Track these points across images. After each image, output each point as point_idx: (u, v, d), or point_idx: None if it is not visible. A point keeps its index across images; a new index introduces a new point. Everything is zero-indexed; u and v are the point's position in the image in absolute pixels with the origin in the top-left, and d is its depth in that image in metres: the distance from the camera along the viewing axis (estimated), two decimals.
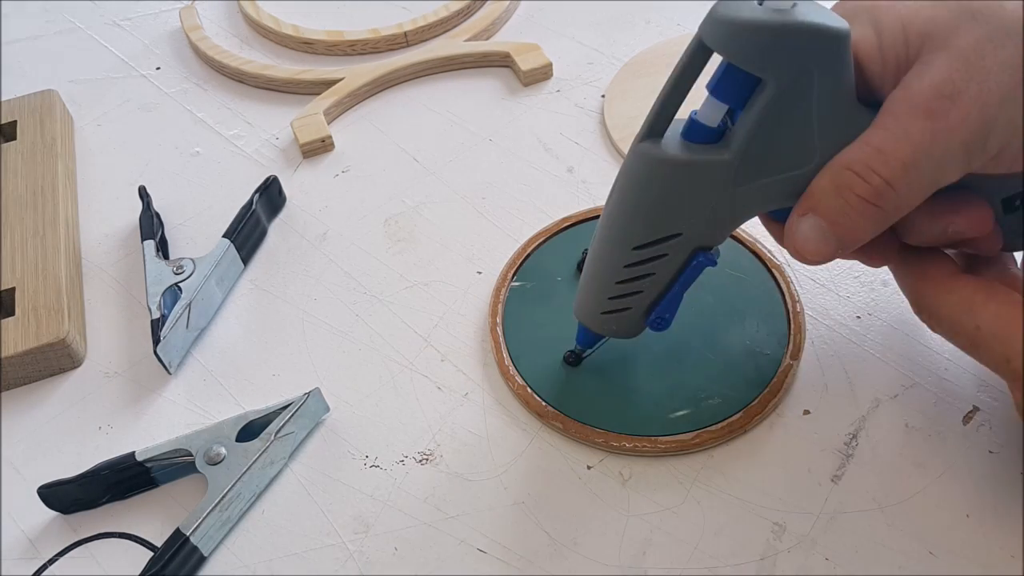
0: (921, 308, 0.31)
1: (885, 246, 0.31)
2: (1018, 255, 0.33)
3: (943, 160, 0.27)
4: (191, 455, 0.35)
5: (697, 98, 0.29)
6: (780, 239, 0.32)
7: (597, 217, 0.43)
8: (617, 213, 0.31)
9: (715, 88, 0.28)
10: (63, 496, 0.35)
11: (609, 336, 0.35)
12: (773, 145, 0.28)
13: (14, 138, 0.51)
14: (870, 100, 0.28)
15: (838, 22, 0.26)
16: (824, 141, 0.28)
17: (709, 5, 0.27)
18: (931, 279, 0.30)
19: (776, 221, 0.32)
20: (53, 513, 0.35)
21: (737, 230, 0.41)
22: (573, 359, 0.37)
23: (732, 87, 0.27)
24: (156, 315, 0.39)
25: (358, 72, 0.54)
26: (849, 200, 0.28)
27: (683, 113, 0.29)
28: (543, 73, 0.53)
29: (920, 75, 0.26)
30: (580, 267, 0.40)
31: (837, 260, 0.30)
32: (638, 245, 0.30)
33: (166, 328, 0.39)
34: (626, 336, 0.34)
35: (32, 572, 0.34)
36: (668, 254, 0.30)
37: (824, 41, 0.26)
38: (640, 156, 0.29)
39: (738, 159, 0.28)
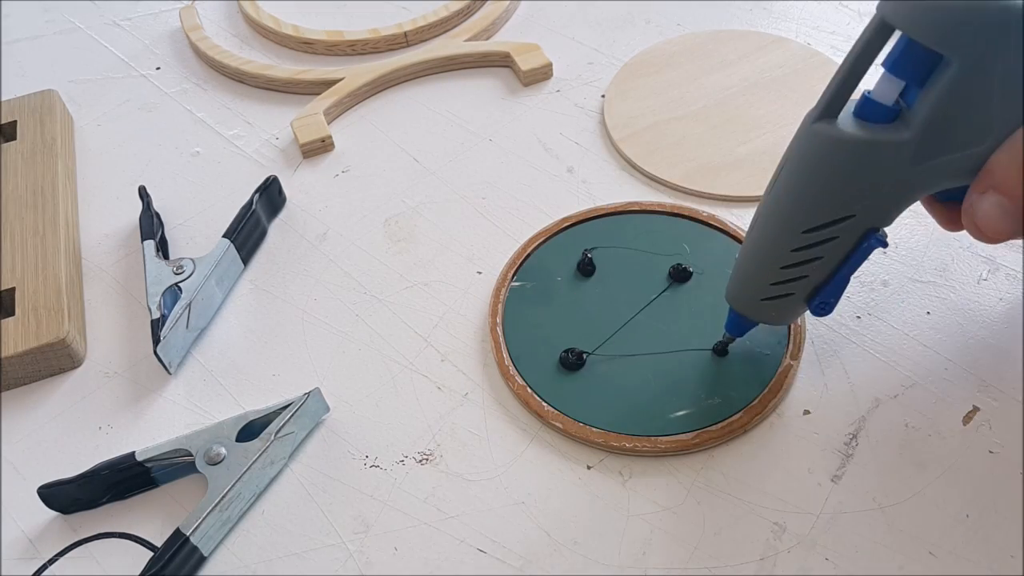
0: None
1: None
2: None
3: None
4: (191, 455, 0.35)
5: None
6: (943, 221, 0.32)
7: (598, 217, 0.43)
8: (785, 196, 0.30)
9: (893, 65, 0.27)
10: (63, 496, 0.35)
11: (766, 323, 0.34)
12: (952, 123, 0.27)
13: (14, 138, 0.51)
14: None
15: None
16: (1003, 117, 0.27)
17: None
18: None
19: (940, 203, 0.32)
20: (53, 513, 0.36)
21: (738, 230, 0.41)
22: (582, 358, 0.37)
23: (912, 64, 0.27)
24: (156, 315, 0.39)
25: (358, 72, 0.54)
26: None
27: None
28: (543, 73, 0.53)
29: None
30: (580, 267, 0.40)
31: None
32: (808, 228, 0.30)
33: (166, 328, 0.39)
34: (782, 323, 0.34)
35: (32, 572, 0.34)
36: (839, 236, 0.30)
37: (1011, 18, 0.25)
38: (815, 136, 0.29)
39: (917, 137, 0.27)
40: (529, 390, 0.36)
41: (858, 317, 0.38)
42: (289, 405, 0.36)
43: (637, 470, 0.34)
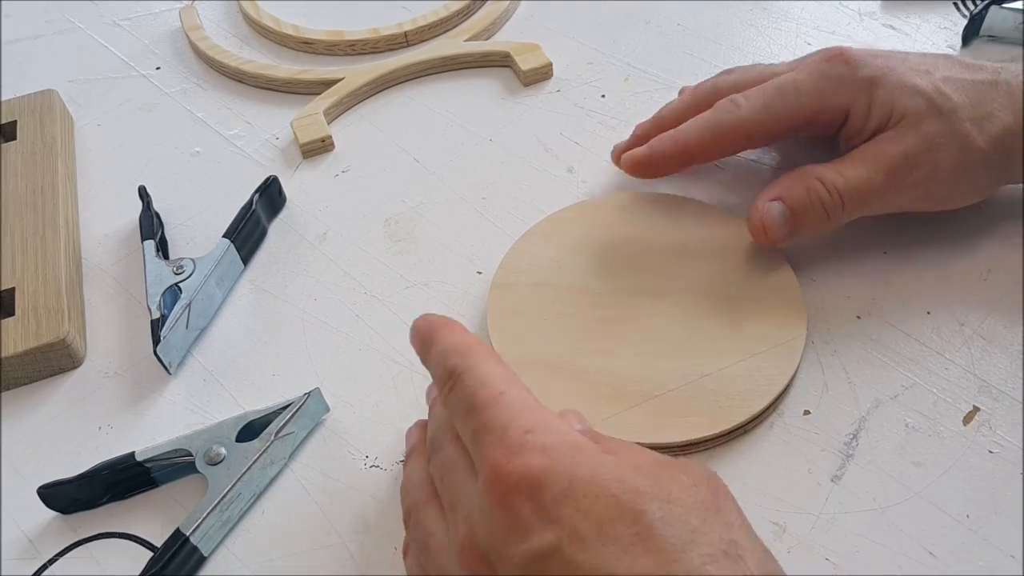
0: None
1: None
2: None
3: (882, 203, 0.38)
4: (191, 455, 0.35)
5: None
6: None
7: None
8: None
9: None
10: (63, 496, 0.35)
11: None
12: None
13: (14, 138, 0.51)
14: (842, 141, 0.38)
15: None
16: None
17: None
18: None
19: None
20: (53, 513, 0.36)
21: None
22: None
23: None
24: (156, 315, 0.39)
25: (358, 72, 0.54)
26: (812, 201, 0.37)
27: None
28: (543, 73, 0.53)
29: (894, 141, 0.37)
30: None
31: (837, 262, 0.34)
32: None
33: (166, 328, 0.39)
34: None
35: (32, 572, 0.34)
36: None
37: None
38: None
39: None
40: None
41: (858, 317, 0.38)
42: (289, 405, 0.36)
43: None
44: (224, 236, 0.43)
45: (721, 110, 0.40)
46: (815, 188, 0.37)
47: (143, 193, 0.47)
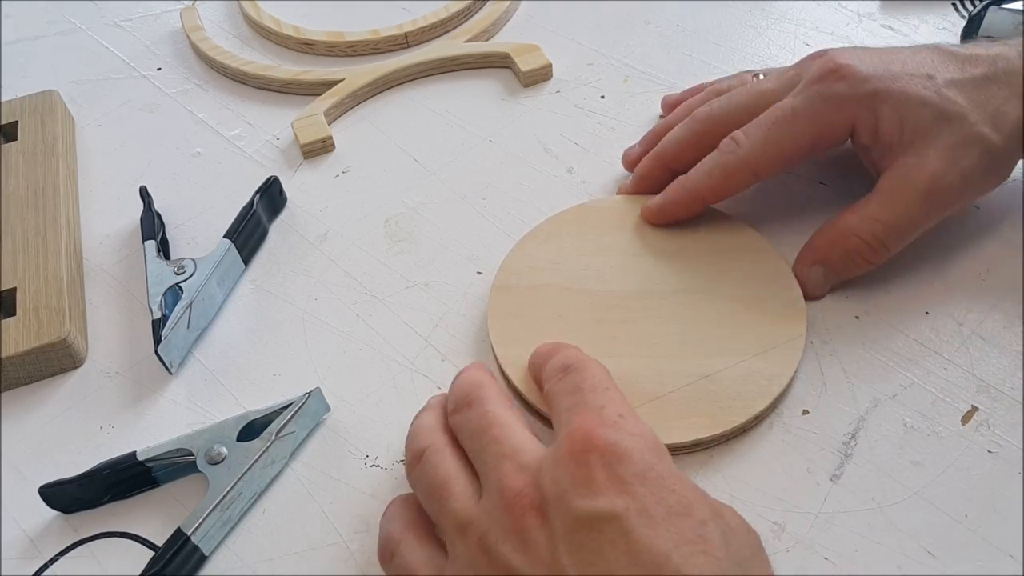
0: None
1: None
2: None
3: (926, 225, 0.37)
4: (192, 455, 0.35)
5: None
6: None
7: None
8: None
9: None
10: (64, 496, 0.35)
11: None
12: None
13: (15, 138, 0.51)
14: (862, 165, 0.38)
15: None
16: None
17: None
18: None
19: None
20: (54, 513, 0.36)
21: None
22: None
23: None
24: (157, 315, 0.39)
25: (358, 73, 0.54)
26: (855, 259, 0.38)
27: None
28: (543, 74, 0.53)
29: (918, 165, 0.36)
30: None
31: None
32: None
33: (167, 328, 0.39)
34: None
35: (33, 572, 0.34)
36: None
37: None
38: None
39: None
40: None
41: (857, 317, 0.38)
42: (290, 405, 0.36)
43: None
44: (225, 236, 0.43)
45: (724, 151, 0.39)
46: (856, 248, 0.37)
47: (144, 193, 0.47)
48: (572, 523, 0.25)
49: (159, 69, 0.58)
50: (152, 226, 0.44)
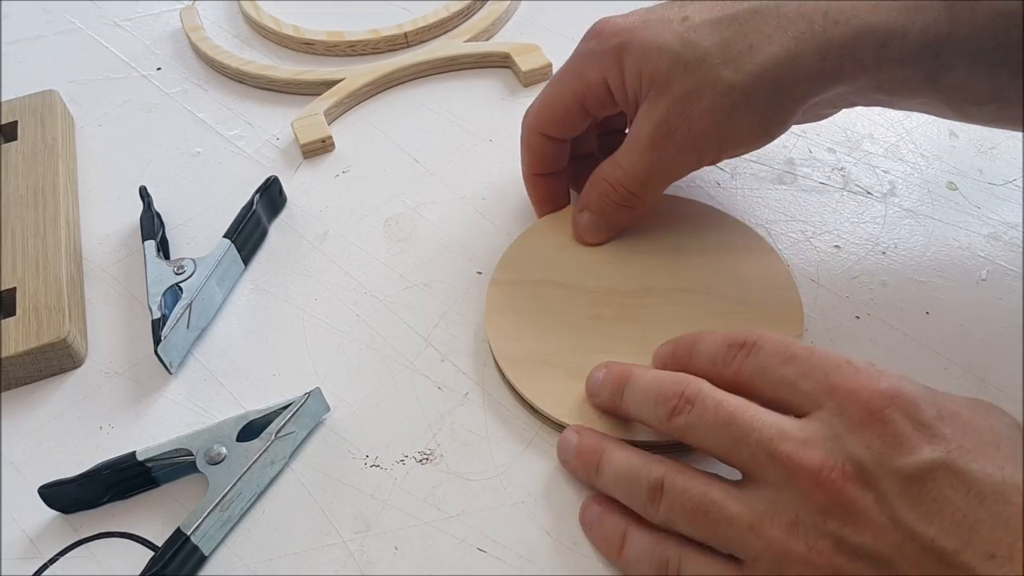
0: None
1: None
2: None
3: (668, 174, 0.37)
4: (192, 455, 0.35)
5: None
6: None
7: None
8: None
9: None
10: (64, 496, 0.35)
11: None
12: None
13: (15, 138, 0.51)
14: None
15: None
16: None
17: None
18: None
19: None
20: (54, 513, 0.36)
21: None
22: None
23: None
24: (157, 315, 0.39)
25: (358, 73, 0.54)
26: (608, 203, 0.39)
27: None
28: (543, 74, 0.53)
29: (648, 115, 0.36)
30: None
31: (836, 262, 0.33)
32: None
33: (167, 328, 0.39)
34: None
35: (33, 572, 0.34)
36: None
37: None
38: None
39: None
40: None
41: (857, 317, 0.38)
42: (289, 405, 0.36)
43: None
44: (225, 236, 0.43)
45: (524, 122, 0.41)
46: (605, 191, 0.38)
47: (144, 193, 0.47)
48: (902, 481, 0.25)
49: (159, 69, 0.58)
50: (152, 226, 0.44)
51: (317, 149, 0.50)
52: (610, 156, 0.38)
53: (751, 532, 0.27)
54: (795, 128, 0.48)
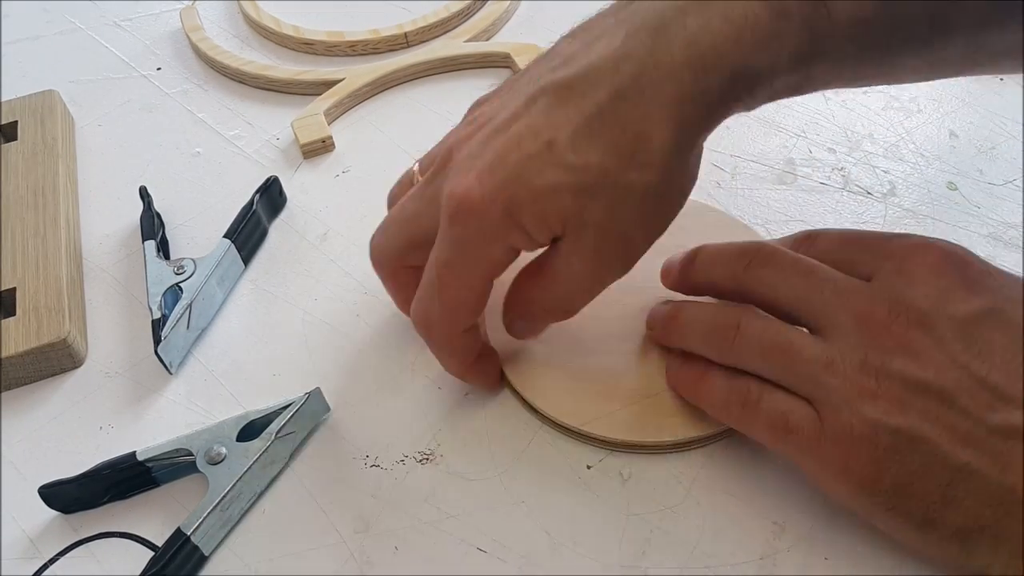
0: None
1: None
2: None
3: (604, 287, 0.33)
4: (192, 455, 0.35)
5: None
6: None
7: None
8: None
9: None
10: (64, 496, 0.35)
11: None
12: None
13: (15, 138, 0.51)
14: None
15: None
16: None
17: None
18: None
19: None
20: (54, 513, 0.36)
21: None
22: None
23: None
24: (157, 315, 0.39)
25: (358, 73, 0.54)
26: (545, 319, 0.35)
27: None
28: None
29: (577, 251, 0.31)
30: None
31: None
32: None
33: (167, 328, 0.39)
34: None
35: (33, 572, 0.34)
36: None
37: None
38: None
39: None
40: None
41: None
42: (290, 405, 0.36)
43: (637, 469, 0.34)
44: (225, 236, 0.43)
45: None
46: (541, 312, 0.35)
47: (144, 193, 0.47)
48: (958, 325, 0.28)
49: (159, 69, 0.58)
50: (152, 226, 0.44)
51: (317, 149, 0.50)
52: (533, 276, 0.33)
53: (826, 370, 0.29)
54: (795, 128, 0.48)
